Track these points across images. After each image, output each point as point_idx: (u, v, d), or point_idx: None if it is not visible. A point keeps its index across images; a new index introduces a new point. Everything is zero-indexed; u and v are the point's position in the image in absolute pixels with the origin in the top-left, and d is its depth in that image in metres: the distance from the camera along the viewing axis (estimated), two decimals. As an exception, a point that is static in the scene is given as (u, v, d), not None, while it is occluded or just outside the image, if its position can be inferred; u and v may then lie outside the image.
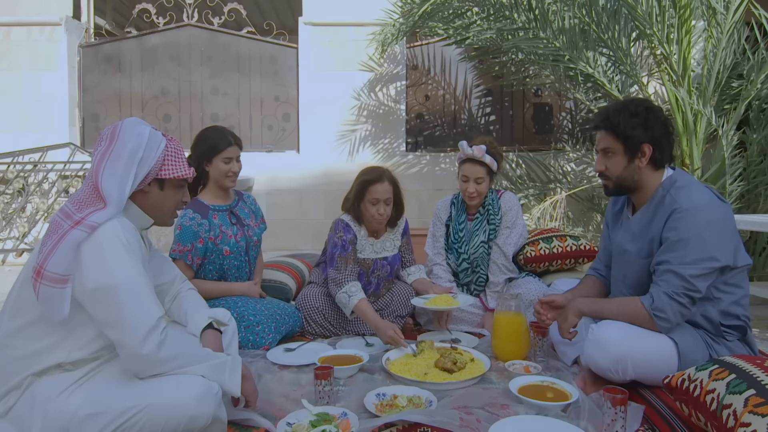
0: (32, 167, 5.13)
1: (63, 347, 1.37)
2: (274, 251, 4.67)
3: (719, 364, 1.49)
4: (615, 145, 1.91)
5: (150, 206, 1.51)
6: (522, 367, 2.12)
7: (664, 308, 1.76)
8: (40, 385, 1.33)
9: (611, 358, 1.78)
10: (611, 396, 1.52)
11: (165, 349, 1.35)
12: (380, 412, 1.69)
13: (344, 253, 2.52)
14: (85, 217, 1.34)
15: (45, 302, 1.31)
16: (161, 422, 1.32)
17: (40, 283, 1.30)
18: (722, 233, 1.77)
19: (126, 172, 1.40)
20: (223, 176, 2.44)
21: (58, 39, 5.56)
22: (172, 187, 1.52)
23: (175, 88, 5.81)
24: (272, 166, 5.63)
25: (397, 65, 5.63)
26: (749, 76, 3.85)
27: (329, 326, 2.61)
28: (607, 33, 3.75)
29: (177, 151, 1.52)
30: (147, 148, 1.44)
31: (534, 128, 5.82)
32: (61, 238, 1.32)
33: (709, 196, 1.84)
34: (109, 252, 1.33)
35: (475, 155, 2.62)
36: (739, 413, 1.30)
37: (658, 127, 1.88)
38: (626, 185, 1.95)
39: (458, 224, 2.79)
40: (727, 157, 3.60)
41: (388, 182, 2.50)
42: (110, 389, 1.34)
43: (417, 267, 2.82)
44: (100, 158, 1.41)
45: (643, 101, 1.95)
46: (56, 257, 1.31)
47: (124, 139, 1.42)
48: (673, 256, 1.77)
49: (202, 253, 2.42)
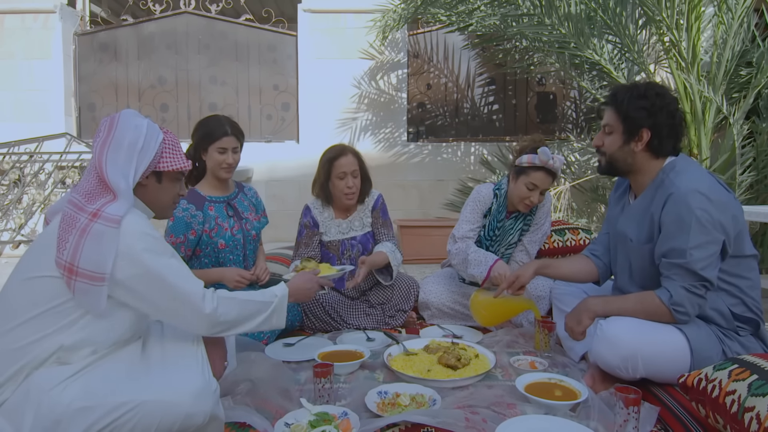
0: (28, 158, 5.05)
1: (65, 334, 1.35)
2: (273, 242, 4.60)
3: (739, 364, 1.43)
4: (615, 123, 1.88)
5: (149, 199, 1.51)
6: (527, 362, 2.06)
7: (683, 302, 1.71)
8: (36, 378, 1.30)
9: (621, 356, 1.72)
10: (624, 396, 1.46)
11: (222, 309, 1.45)
12: (382, 412, 1.64)
13: (299, 237, 2.60)
14: (101, 208, 1.33)
15: (82, 297, 1.32)
16: (155, 420, 1.28)
17: (75, 281, 1.30)
18: (722, 216, 1.71)
19: (127, 162, 1.40)
20: (217, 167, 2.34)
21: (53, 27, 5.46)
22: (169, 179, 1.52)
23: (173, 77, 5.72)
24: (271, 156, 5.56)
25: (399, 53, 5.54)
26: (759, 64, 3.76)
27: (329, 320, 2.56)
28: (614, 19, 3.66)
29: (174, 144, 1.52)
30: (146, 140, 1.44)
31: (538, 118, 5.74)
32: (83, 232, 1.31)
33: (709, 179, 1.79)
34: (142, 246, 1.36)
35: (555, 166, 2.38)
36: (763, 417, 1.23)
37: (663, 114, 1.82)
38: (617, 166, 1.92)
39: (497, 221, 2.59)
40: (737, 147, 3.52)
41: (351, 155, 2.54)
42: (107, 382, 1.31)
43: (392, 244, 2.64)
44: (101, 148, 1.41)
45: (656, 86, 1.88)
46: (87, 253, 1.30)
47: (123, 130, 1.42)
48: (676, 243, 1.71)
49: (193, 245, 2.33)
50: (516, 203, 2.50)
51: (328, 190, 2.57)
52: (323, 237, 2.62)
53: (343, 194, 2.53)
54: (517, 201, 2.48)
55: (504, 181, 2.60)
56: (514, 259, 2.63)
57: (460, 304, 2.64)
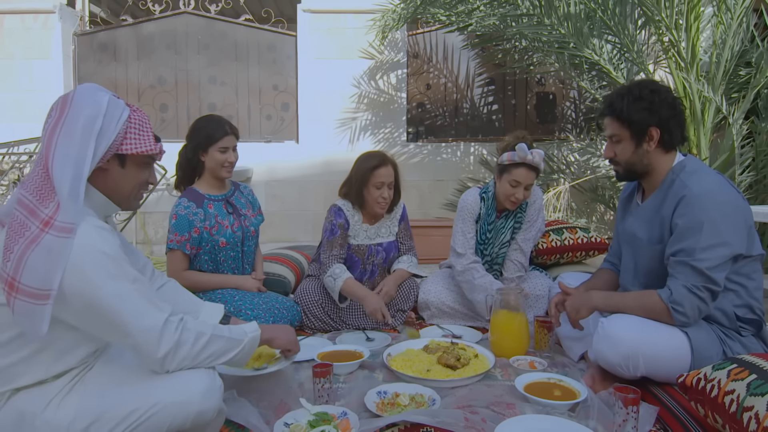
0: (28, 158, 5.04)
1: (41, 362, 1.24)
2: (272, 243, 4.60)
3: (738, 363, 1.42)
4: (621, 131, 1.87)
5: (109, 187, 1.32)
6: (527, 362, 2.06)
7: (682, 301, 1.69)
8: (21, 401, 1.22)
9: (622, 354, 1.72)
10: (623, 396, 1.46)
11: (184, 346, 1.26)
12: (381, 412, 1.64)
13: (332, 237, 2.53)
14: (53, 216, 1.15)
15: (22, 318, 1.14)
16: (168, 420, 1.26)
17: (15, 298, 1.13)
18: (734, 219, 1.72)
19: (82, 147, 1.19)
20: (219, 166, 2.39)
21: (52, 27, 5.45)
22: (135, 164, 1.33)
23: (172, 77, 5.71)
24: (271, 156, 5.56)
25: (398, 53, 5.54)
26: (758, 64, 3.76)
27: (329, 320, 2.56)
28: (614, 19, 3.66)
29: (142, 123, 1.32)
30: (106, 118, 1.23)
31: (537, 118, 5.73)
32: (30, 243, 1.14)
33: (721, 181, 1.79)
34: (91, 268, 1.17)
35: (534, 161, 2.41)
36: (761, 417, 1.23)
37: (664, 108, 1.82)
38: (636, 170, 1.91)
39: (487, 224, 2.61)
40: (736, 147, 3.52)
41: (391, 166, 2.53)
42: (106, 393, 1.25)
43: (409, 257, 2.72)
44: (51, 132, 1.19)
45: (648, 83, 1.89)
46: (30, 268, 1.13)
47: (78, 107, 1.21)
48: (686, 243, 1.71)
49: (197, 243, 2.36)
50: (503, 201, 2.53)
51: (362, 196, 2.54)
52: (351, 240, 2.59)
53: (377, 203, 2.52)
54: (504, 199, 2.52)
55: (491, 183, 2.63)
56: (509, 257, 2.63)
57: (460, 303, 2.64)
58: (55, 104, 1.25)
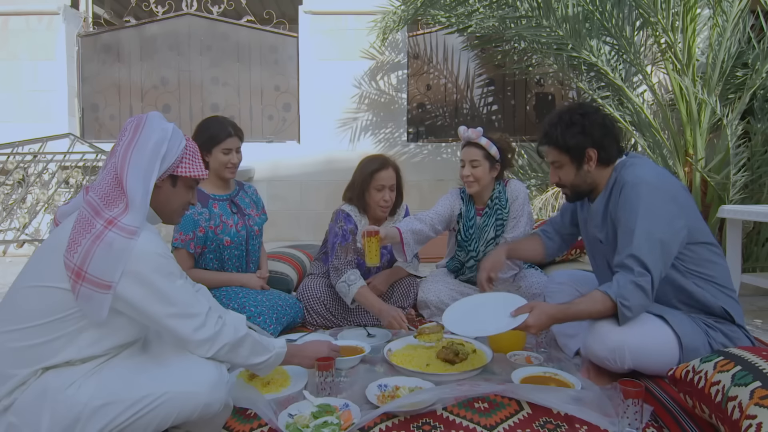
0: (32, 158, 5.10)
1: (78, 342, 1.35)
2: (274, 242, 4.65)
3: (724, 356, 1.48)
4: (561, 157, 1.96)
5: (160, 201, 1.49)
6: (523, 357, 2.11)
7: (628, 295, 1.72)
8: (49, 378, 1.32)
9: (608, 348, 1.78)
10: (623, 388, 1.48)
11: (226, 328, 1.44)
12: (382, 404, 1.68)
13: (344, 242, 2.54)
14: (117, 217, 1.32)
15: (85, 303, 1.30)
16: (175, 410, 1.34)
17: (81, 285, 1.29)
18: (670, 207, 1.77)
19: (150, 165, 1.39)
20: (222, 167, 2.43)
21: (57, 28, 5.51)
22: (184, 185, 1.52)
23: (175, 78, 5.77)
24: (273, 156, 5.61)
25: (399, 54, 5.59)
26: (754, 65, 3.80)
27: (331, 317, 2.61)
28: (611, 21, 3.71)
29: (195, 152, 1.53)
30: (170, 144, 1.43)
31: (536, 118, 5.78)
32: (96, 239, 1.30)
33: (658, 170, 1.86)
34: (152, 267, 1.35)
35: (471, 137, 2.58)
36: (744, 405, 1.28)
37: (596, 129, 1.90)
38: (582, 190, 2.01)
39: (468, 220, 2.70)
40: (731, 147, 3.56)
41: (392, 169, 2.56)
42: (122, 378, 1.35)
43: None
44: (126, 149, 1.39)
45: (577, 108, 1.96)
46: (96, 260, 1.29)
47: (149, 131, 1.41)
48: (626, 231, 1.77)
49: (202, 242, 2.41)
50: (467, 188, 2.66)
51: (364, 199, 2.58)
52: (357, 244, 2.61)
53: (378, 206, 2.56)
54: (463, 183, 2.65)
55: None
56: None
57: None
58: (128, 125, 1.44)
